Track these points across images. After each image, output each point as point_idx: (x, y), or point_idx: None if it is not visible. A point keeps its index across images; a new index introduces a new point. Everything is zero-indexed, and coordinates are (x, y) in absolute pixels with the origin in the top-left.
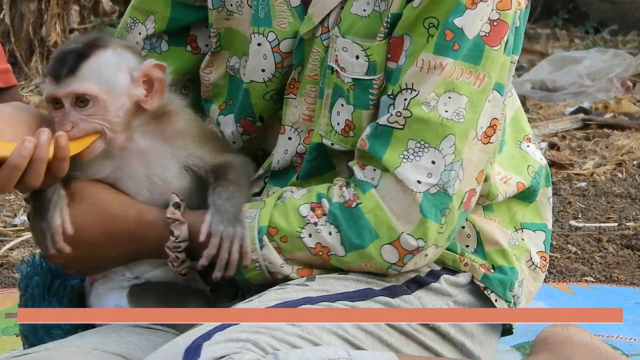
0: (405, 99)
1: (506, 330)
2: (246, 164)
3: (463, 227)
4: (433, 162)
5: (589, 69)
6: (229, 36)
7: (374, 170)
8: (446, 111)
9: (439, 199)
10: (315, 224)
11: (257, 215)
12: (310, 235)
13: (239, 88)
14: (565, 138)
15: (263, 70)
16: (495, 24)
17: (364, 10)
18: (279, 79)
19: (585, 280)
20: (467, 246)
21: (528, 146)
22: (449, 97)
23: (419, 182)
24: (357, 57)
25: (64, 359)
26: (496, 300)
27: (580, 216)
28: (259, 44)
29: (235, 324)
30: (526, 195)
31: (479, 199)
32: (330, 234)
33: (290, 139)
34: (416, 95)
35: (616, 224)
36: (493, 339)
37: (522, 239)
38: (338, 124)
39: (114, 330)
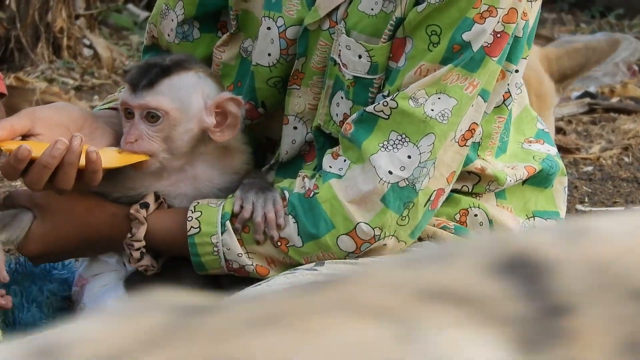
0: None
1: None
2: None
3: (475, 215)
4: (409, 157)
5: None
6: (245, 18)
7: (345, 161)
8: (432, 110)
9: (405, 193)
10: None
11: (222, 202)
12: None
13: (249, 70)
14: (571, 122)
15: (269, 55)
16: (498, 35)
17: (372, 9)
18: (283, 66)
19: None
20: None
21: (530, 145)
22: (439, 98)
23: (390, 172)
24: (360, 57)
25: None
26: None
27: (586, 200)
28: (268, 28)
29: None
30: (540, 180)
31: (490, 185)
32: (288, 224)
33: (295, 128)
34: (405, 89)
35: (622, 208)
36: None
37: (534, 227)
38: (337, 115)
39: None
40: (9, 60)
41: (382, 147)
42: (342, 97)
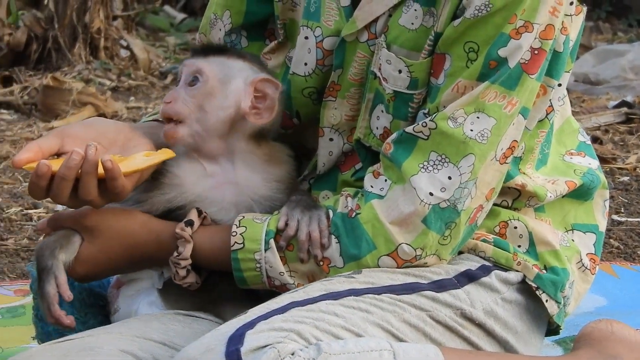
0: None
1: (552, 331)
2: None
3: (515, 228)
4: (449, 178)
5: (632, 63)
6: (292, 27)
7: (385, 180)
8: (471, 130)
9: (447, 214)
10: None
11: (267, 219)
12: None
13: None
14: (608, 132)
15: (305, 64)
16: (536, 52)
17: (412, 23)
18: (318, 77)
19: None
20: (519, 246)
21: (571, 158)
22: (477, 117)
23: (430, 194)
24: (400, 72)
25: (107, 344)
26: (547, 301)
27: (622, 210)
28: (306, 37)
29: (280, 314)
30: (580, 194)
31: (530, 200)
32: (331, 244)
33: (331, 140)
34: (444, 108)
35: None
36: (537, 337)
37: (573, 240)
38: (377, 128)
39: (157, 318)
40: (46, 60)
41: (422, 167)
42: (382, 111)
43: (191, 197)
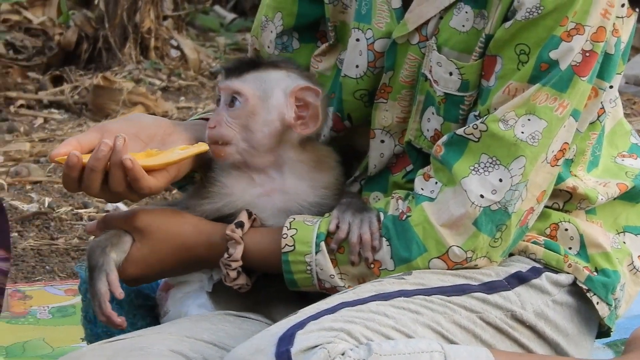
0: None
1: (603, 333)
2: None
3: (566, 230)
4: (500, 180)
5: None
6: (343, 29)
7: (436, 183)
8: (522, 132)
9: (497, 216)
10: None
11: (318, 222)
12: None
13: None
14: None
15: (357, 67)
16: (587, 54)
17: (463, 25)
18: (370, 79)
19: None
20: (570, 248)
21: (623, 160)
22: (528, 119)
23: (481, 196)
24: (451, 74)
25: (157, 344)
26: (597, 303)
27: None
28: (357, 40)
29: (330, 314)
30: (632, 196)
31: (581, 203)
32: (382, 247)
33: (383, 141)
34: (495, 110)
35: None
36: (588, 340)
37: (624, 242)
38: (428, 130)
39: (207, 319)
40: (96, 59)
41: (473, 170)
42: (433, 113)
43: (240, 205)
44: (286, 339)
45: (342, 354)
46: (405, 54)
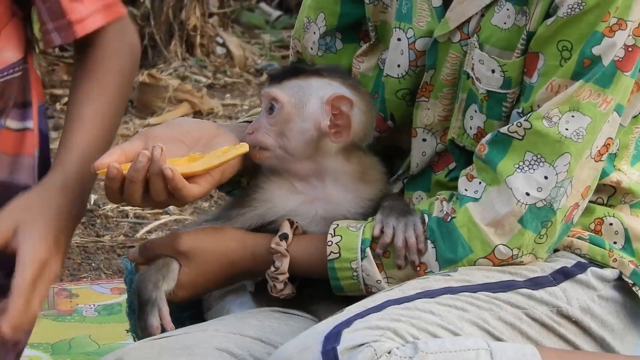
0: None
1: None
2: None
3: (611, 224)
4: (545, 177)
5: None
6: (384, 29)
7: (480, 183)
8: (566, 129)
9: (543, 213)
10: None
11: (362, 227)
12: None
13: None
14: None
15: (398, 66)
16: (630, 49)
17: (505, 23)
18: (411, 78)
19: None
20: (615, 243)
21: None
22: (572, 116)
23: (527, 194)
24: (493, 71)
25: (203, 342)
26: None
27: None
28: (399, 39)
29: (377, 312)
30: None
31: (625, 197)
32: (427, 250)
33: (425, 140)
34: (538, 107)
35: None
36: (634, 334)
37: None
38: (470, 128)
39: (253, 315)
40: (142, 57)
41: (518, 168)
42: (475, 111)
43: (281, 213)
44: (332, 337)
45: (389, 353)
46: (447, 52)
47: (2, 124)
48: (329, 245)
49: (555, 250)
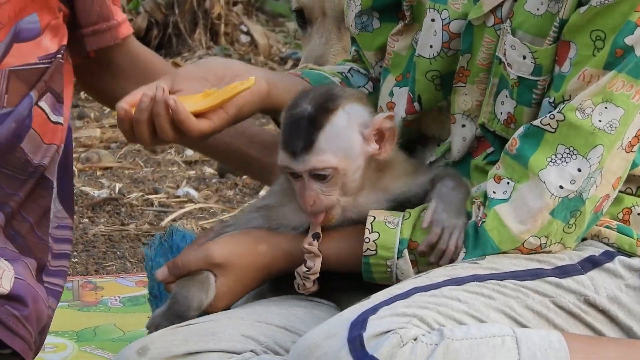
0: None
1: None
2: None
3: (639, 214)
4: (579, 170)
5: None
6: (419, 9)
7: (508, 183)
8: (600, 121)
9: (573, 203)
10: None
11: (399, 224)
12: None
13: None
14: None
15: (431, 47)
16: None
17: (538, 9)
18: (443, 60)
19: None
20: None
21: None
22: (605, 108)
23: (561, 187)
24: (524, 57)
25: (229, 329)
26: None
27: None
28: (432, 20)
29: (403, 299)
30: None
31: None
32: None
33: (464, 126)
34: (571, 100)
35: None
36: None
37: None
38: (501, 113)
39: (277, 303)
40: (166, 45)
41: (551, 161)
42: (506, 96)
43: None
44: (359, 324)
45: (415, 339)
46: (482, 36)
47: (38, 104)
48: (367, 242)
49: (583, 239)
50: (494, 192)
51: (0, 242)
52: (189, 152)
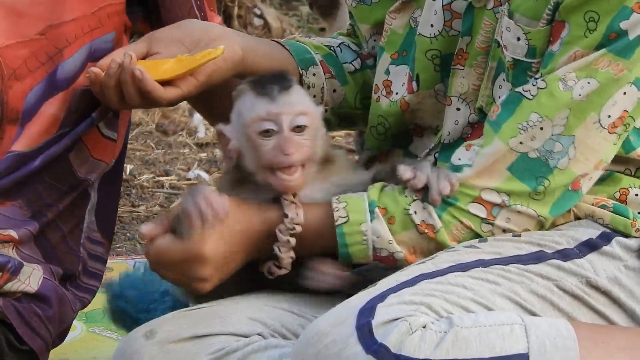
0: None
1: None
2: None
3: (636, 195)
4: (541, 129)
5: None
6: None
7: (475, 150)
8: (579, 95)
9: (535, 165)
10: (422, 199)
11: (365, 193)
12: (416, 212)
13: (414, 41)
14: None
15: (432, 26)
16: None
17: None
18: (444, 40)
19: None
20: (639, 213)
21: None
22: (588, 83)
23: (520, 142)
24: (518, 39)
25: (236, 312)
26: None
27: None
28: None
29: (410, 286)
30: None
31: None
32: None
33: (458, 109)
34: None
35: None
36: None
37: None
38: (499, 97)
39: (283, 289)
40: None
41: (522, 128)
42: (504, 80)
43: None
44: (367, 312)
45: (424, 327)
46: (481, 19)
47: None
48: (336, 211)
49: (578, 219)
50: (459, 159)
51: (29, 250)
52: (201, 135)
